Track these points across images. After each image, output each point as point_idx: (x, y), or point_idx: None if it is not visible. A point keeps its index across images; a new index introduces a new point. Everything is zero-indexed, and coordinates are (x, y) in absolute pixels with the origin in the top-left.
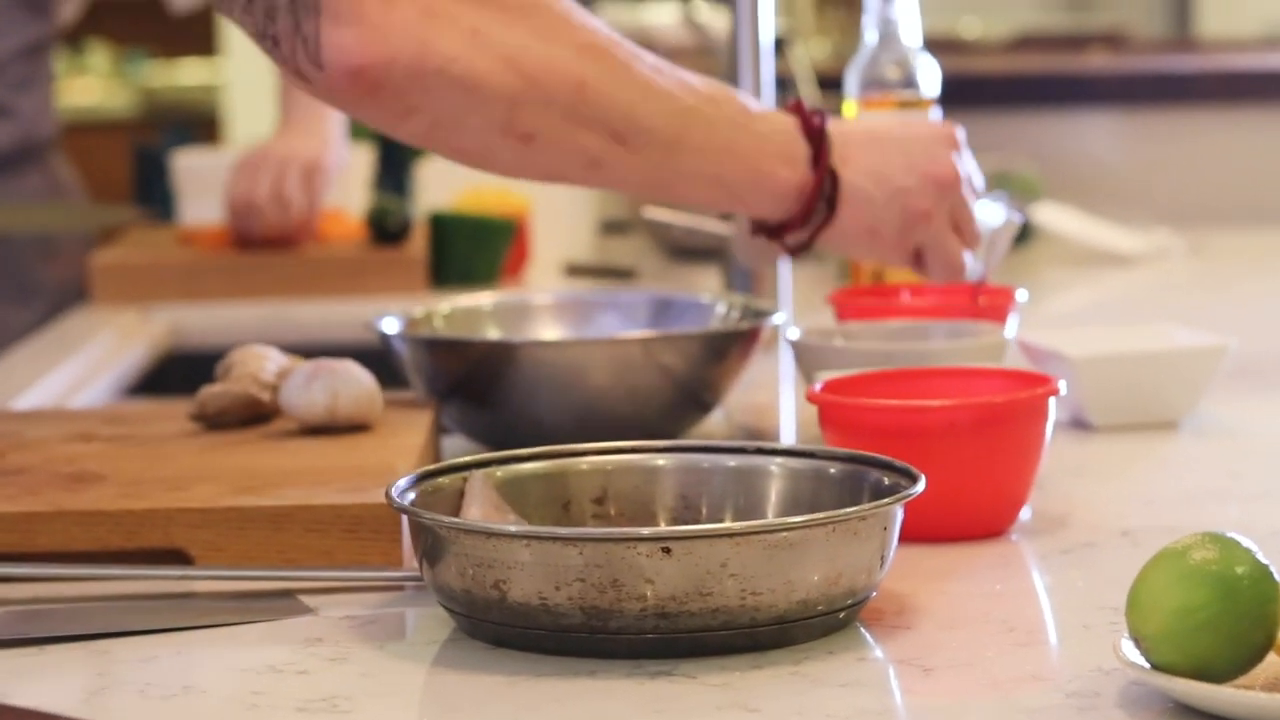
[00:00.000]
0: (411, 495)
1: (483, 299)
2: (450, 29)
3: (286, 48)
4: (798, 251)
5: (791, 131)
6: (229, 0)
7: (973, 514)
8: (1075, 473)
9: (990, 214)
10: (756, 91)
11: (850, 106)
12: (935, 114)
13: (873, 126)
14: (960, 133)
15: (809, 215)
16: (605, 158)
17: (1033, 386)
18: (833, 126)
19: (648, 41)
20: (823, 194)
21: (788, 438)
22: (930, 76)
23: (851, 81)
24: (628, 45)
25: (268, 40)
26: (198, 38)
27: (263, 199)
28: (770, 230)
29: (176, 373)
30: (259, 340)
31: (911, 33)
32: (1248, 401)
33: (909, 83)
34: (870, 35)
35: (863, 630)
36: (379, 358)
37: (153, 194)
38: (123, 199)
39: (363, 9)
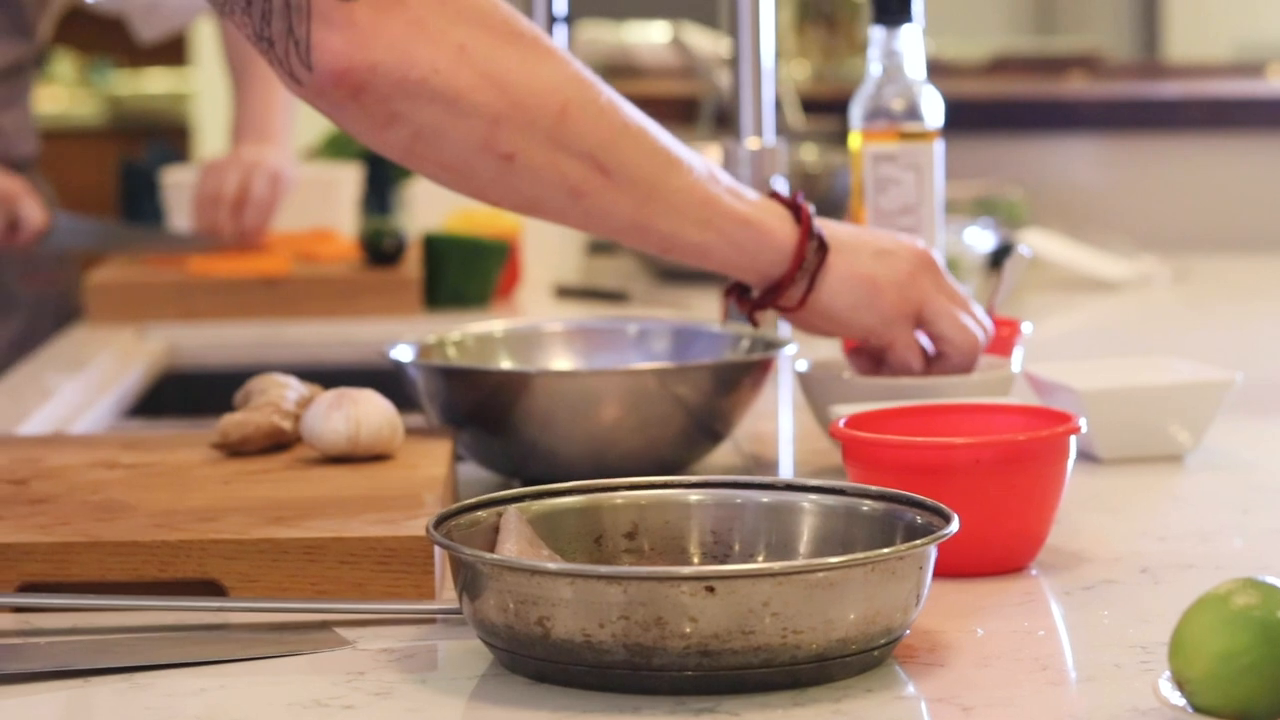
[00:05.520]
0: (448, 529)
1: (494, 326)
2: (437, 42)
3: (280, 49)
4: (795, 307)
5: (765, 197)
6: (230, 2)
7: (996, 550)
8: (1086, 506)
9: (980, 241)
10: (757, 113)
11: (855, 138)
12: (939, 145)
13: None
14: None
15: (801, 264)
16: (587, 187)
17: (1054, 424)
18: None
19: (629, 62)
20: (812, 237)
21: (786, 468)
22: (934, 108)
23: (855, 113)
24: (610, 89)
25: (264, 42)
26: (165, 48)
27: (229, 196)
28: (757, 294)
29: (173, 393)
30: (254, 361)
31: (916, 64)
32: (1249, 433)
33: (913, 114)
34: (875, 67)
35: (898, 668)
36: (381, 380)
37: (140, 209)
38: (105, 212)
39: (353, 15)
